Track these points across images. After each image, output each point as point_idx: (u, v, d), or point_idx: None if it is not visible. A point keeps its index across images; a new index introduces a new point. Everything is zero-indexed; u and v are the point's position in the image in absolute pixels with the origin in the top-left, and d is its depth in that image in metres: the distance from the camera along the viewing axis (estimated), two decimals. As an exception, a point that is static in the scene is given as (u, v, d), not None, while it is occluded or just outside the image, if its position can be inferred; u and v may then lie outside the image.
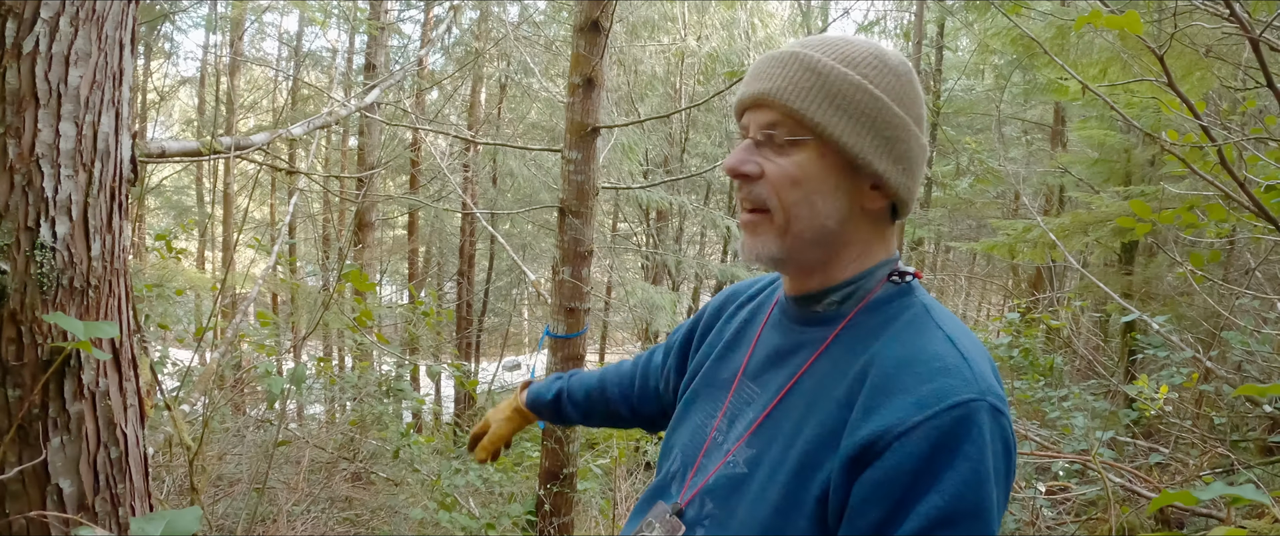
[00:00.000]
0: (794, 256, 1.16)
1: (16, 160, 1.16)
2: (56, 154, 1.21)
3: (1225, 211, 3.22)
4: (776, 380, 1.20)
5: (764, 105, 1.13)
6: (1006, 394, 1.07)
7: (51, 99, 1.19)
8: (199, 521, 1.30)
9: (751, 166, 1.13)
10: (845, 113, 1.11)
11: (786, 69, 1.13)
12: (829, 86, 1.11)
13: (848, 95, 1.11)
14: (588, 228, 5.01)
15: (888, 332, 1.12)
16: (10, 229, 1.15)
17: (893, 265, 1.19)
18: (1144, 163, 8.46)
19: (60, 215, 1.22)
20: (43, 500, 1.23)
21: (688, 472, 1.25)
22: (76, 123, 1.23)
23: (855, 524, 1.00)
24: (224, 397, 5.28)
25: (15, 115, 1.15)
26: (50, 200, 1.20)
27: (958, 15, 10.94)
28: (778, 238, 1.14)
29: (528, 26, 12.85)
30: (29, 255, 1.18)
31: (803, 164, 1.12)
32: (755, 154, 1.14)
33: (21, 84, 1.16)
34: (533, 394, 1.86)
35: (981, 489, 0.96)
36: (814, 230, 1.14)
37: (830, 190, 1.13)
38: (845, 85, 1.11)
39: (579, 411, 1.80)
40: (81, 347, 1.20)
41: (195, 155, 2.43)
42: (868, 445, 1.00)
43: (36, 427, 1.22)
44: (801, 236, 1.14)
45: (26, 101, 1.17)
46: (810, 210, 1.13)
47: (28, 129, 1.17)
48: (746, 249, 1.17)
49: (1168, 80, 2.15)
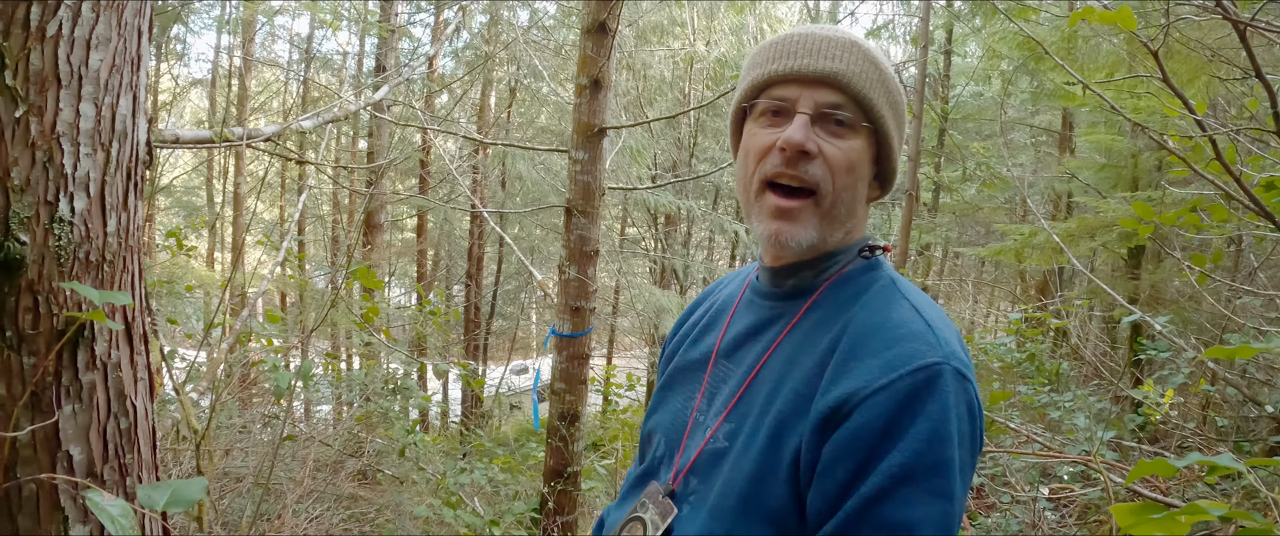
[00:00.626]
0: (825, 240, 1.18)
1: (38, 137, 1.20)
2: (76, 133, 1.25)
3: (1227, 212, 3.25)
4: (750, 355, 1.24)
5: (831, 84, 1.14)
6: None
7: (73, 80, 1.24)
8: (204, 491, 1.34)
9: (814, 145, 1.13)
10: (893, 110, 1.18)
11: (852, 55, 1.15)
12: (886, 82, 1.17)
13: (895, 94, 1.18)
14: (594, 227, 5.05)
15: (857, 304, 1.15)
16: (31, 202, 1.20)
17: (864, 241, 1.24)
18: (1151, 168, 8.46)
19: (78, 191, 1.26)
20: (53, 465, 1.27)
21: (675, 454, 1.27)
22: (96, 104, 1.28)
23: (823, 484, 1.03)
24: (230, 392, 5.32)
25: (38, 95, 1.20)
26: (69, 176, 1.25)
27: (965, 20, 10.95)
28: (819, 223, 1.16)
29: (537, 31, 12.92)
30: (48, 228, 1.22)
31: (858, 150, 1.16)
32: (812, 131, 1.13)
33: (45, 65, 1.21)
34: None
35: (943, 446, 0.99)
36: (847, 216, 1.18)
37: (866, 179, 1.19)
38: (893, 84, 1.18)
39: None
40: (95, 318, 1.24)
41: (208, 143, 2.48)
42: (836, 407, 1.04)
43: (49, 395, 1.26)
44: (836, 221, 1.17)
45: (49, 82, 1.21)
46: (852, 196, 1.17)
47: (50, 108, 1.22)
48: (781, 237, 1.15)
49: (1162, 75, 2.18)
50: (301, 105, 13.99)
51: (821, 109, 1.14)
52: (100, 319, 1.25)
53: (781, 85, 1.16)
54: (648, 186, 8.15)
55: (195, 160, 16.40)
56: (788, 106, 1.15)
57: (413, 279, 17.55)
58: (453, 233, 18.31)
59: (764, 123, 1.18)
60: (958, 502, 1.00)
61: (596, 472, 6.56)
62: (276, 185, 16.94)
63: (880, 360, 1.05)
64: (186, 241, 5.45)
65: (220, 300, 4.42)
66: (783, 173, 1.14)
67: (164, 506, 1.28)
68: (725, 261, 17.56)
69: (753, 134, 1.20)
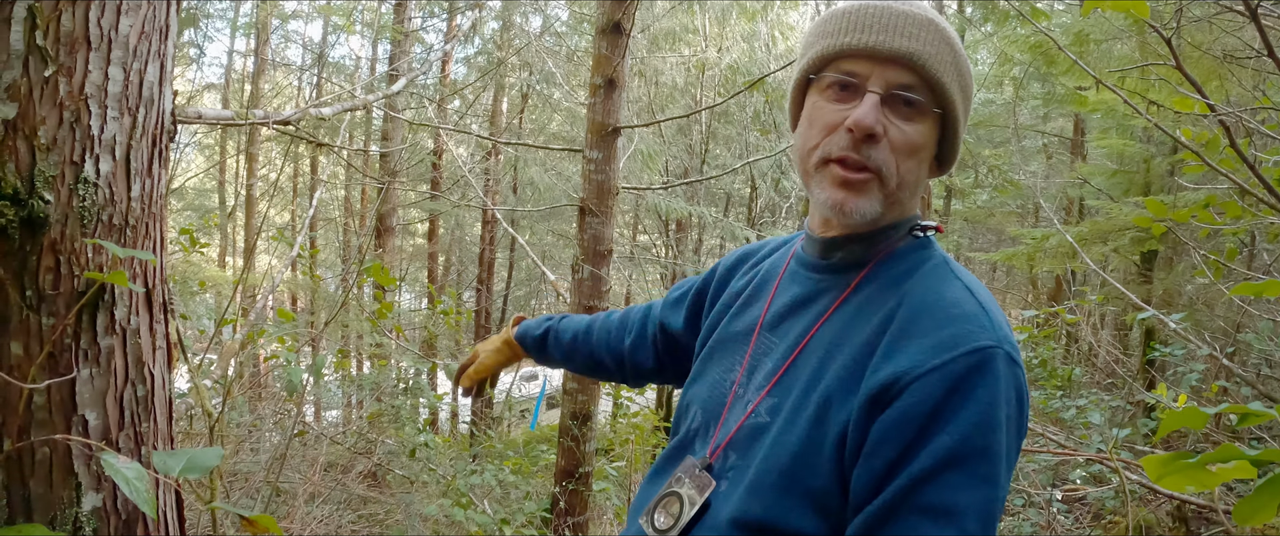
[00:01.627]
0: (886, 215, 1.16)
1: (66, 98, 1.21)
2: (104, 96, 1.26)
3: (1241, 208, 3.23)
4: (796, 329, 1.21)
5: (904, 64, 1.10)
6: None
7: (103, 43, 1.25)
8: (220, 459, 1.34)
9: (881, 128, 1.09)
10: (964, 93, 1.15)
11: (929, 34, 1.10)
12: (959, 64, 1.13)
13: (966, 77, 1.15)
14: (607, 227, 5.06)
15: (909, 281, 1.14)
16: (56, 162, 1.21)
17: (915, 219, 1.22)
18: (1163, 173, 8.44)
19: (104, 153, 1.27)
20: (68, 429, 1.27)
21: (713, 428, 1.25)
22: (124, 68, 1.29)
23: (870, 463, 1.01)
24: (241, 390, 5.34)
25: (68, 56, 1.21)
26: (96, 138, 1.25)
27: (976, 26, 10.95)
28: (883, 199, 1.13)
29: (550, 36, 12.96)
30: (72, 188, 1.23)
31: (924, 134, 1.13)
32: (881, 113, 1.10)
33: (76, 27, 1.22)
34: (522, 328, 1.85)
35: (991, 432, 0.98)
36: (908, 193, 1.16)
37: (928, 161, 1.17)
38: (965, 66, 1.15)
39: (562, 351, 1.78)
40: (116, 280, 1.25)
41: (230, 122, 2.50)
42: (886, 386, 1.02)
43: (67, 357, 1.26)
44: (897, 198, 1.15)
45: (79, 43, 1.22)
46: (915, 178, 1.15)
47: (79, 69, 1.23)
48: (846, 207, 1.12)
49: (1176, 62, 2.17)
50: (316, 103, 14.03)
51: (892, 89, 1.10)
52: (122, 281, 1.25)
53: (852, 59, 1.12)
54: (657, 187, 8.15)
55: (207, 163, 16.50)
56: (858, 82, 1.11)
57: (423, 283, 17.60)
58: (463, 238, 18.36)
59: (831, 96, 1.14)
60: (1002, 488, 1.00)
61: (608, 473, 6.55)
62: (289, 188, 17.01)
63: (933, 340, 1.03)
64: (199, 240, 5.47)
65: (231, 297, 4.43)
66: (847, 156, 1.11)
67: (180, 473, 1.28)
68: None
69: (818, 106, 1.16)
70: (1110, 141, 9.02)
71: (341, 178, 14.59)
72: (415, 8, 10.53)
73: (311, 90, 14.26)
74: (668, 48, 12.92)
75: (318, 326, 7.24)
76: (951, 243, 13.61)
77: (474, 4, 12.12)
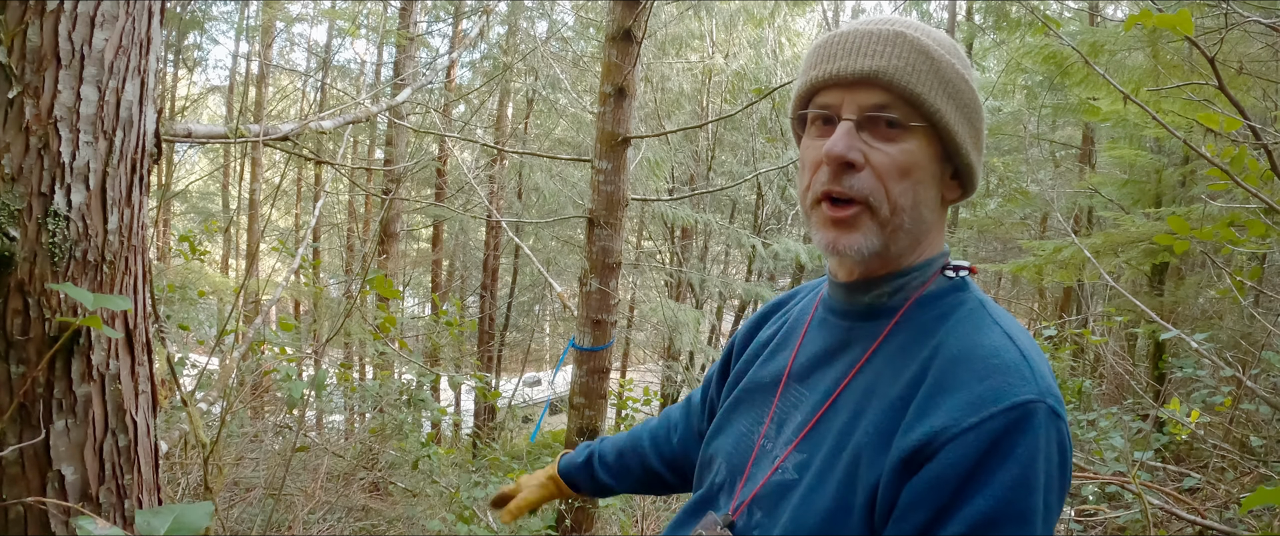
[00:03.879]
0: (890, 248, 1.09)
1: (33, 121, 1.10)
2: (76, 118, 1.15)
3: (1265, 227, 3.13)
4: (826, 380, 1.15)
5: (873, 84, 1.04)
6: None
7: (74, 60, 1.14)
8: (210, 517, 1.24)
9: (857, 155, 1.04)
10: (954, 100, 1.07)
11: (896, 48, 1.05)
12: (941, 72, 1.06)
13: (955, 83, 1.07)
14: (617, 238, 4.96)
15: (944, 328, 1.06)
16: (22, 193, 1.10)
17: (945, 258, 1.14)
18: (1175, 184, 8.35)
19: (76, 183, 1.16)
20: (43, 486, 1.16)
21: (737, 482, 1.19)
22: (99, 87, 1.18)
23: (900, 526, 0.95)
24: (242, 400, 5.25)
25: (35, 74, 1.10)
26: (66, 166, 1.15)
27: (989, 32, 10.86)
28: (879, 231, 1.06)
29: (556, 41, 12.89)
30: (41, 222, 1.12)
31: (912, 152, 1.06)
32: (859, 143, 1.05)
33: (43, 42, 1.11)
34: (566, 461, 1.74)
35: (1029, 495, 0.92)
36: (913, 221, 1.08)
37: (931, 180, 1.09)
38: (952, 72, 1.07)
39: (611, 473, 1.67)
40: (91, 324, 1.14)
41: (222, 139, 2.39)
42: (920, 447, 0.95)
43: (39, 408, 1.15)
44: (901, 228, 1.07)
45: (47, 60, 1.11)
46: (914, 201, 1.07)
47: (47, 89, 1.12)
48: (838, 246, 1.07)
49: (1218, 82, 2.07)
50: (319, 111, 13.99)
51: (866, 112, 1.04)
52: (97, 325, 1.15)
53: (825, 91, 1.08)
54: (666, 198, 8.07)
55: (211, 165, 16.43)
56: (833, 113, 1.07)
57: (427, 289, 17.53)
58: (468, 244, 18.30)
59: (815, 132, 1.10)
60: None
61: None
62: (292, 193, 16.94)
63: (970, 395, 0.96)
64: (200, 246, 5.38)
65: (233, 306, 4.33)
66: (831, 190, 1.06)
67: (165, 533, 1.18)
68: (742, 275, 17.46)
69: (806, 145, 1.12)
70: (1121, 151, 8.93)
71: (346, 184, 14.52)
72: (421, 11, 10.45)
73: (315, 94, 14.21)
74: (674, 53, 12.86)
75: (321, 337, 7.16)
76: (958, 252, 13.51)
77: (481, 8, 12.05)
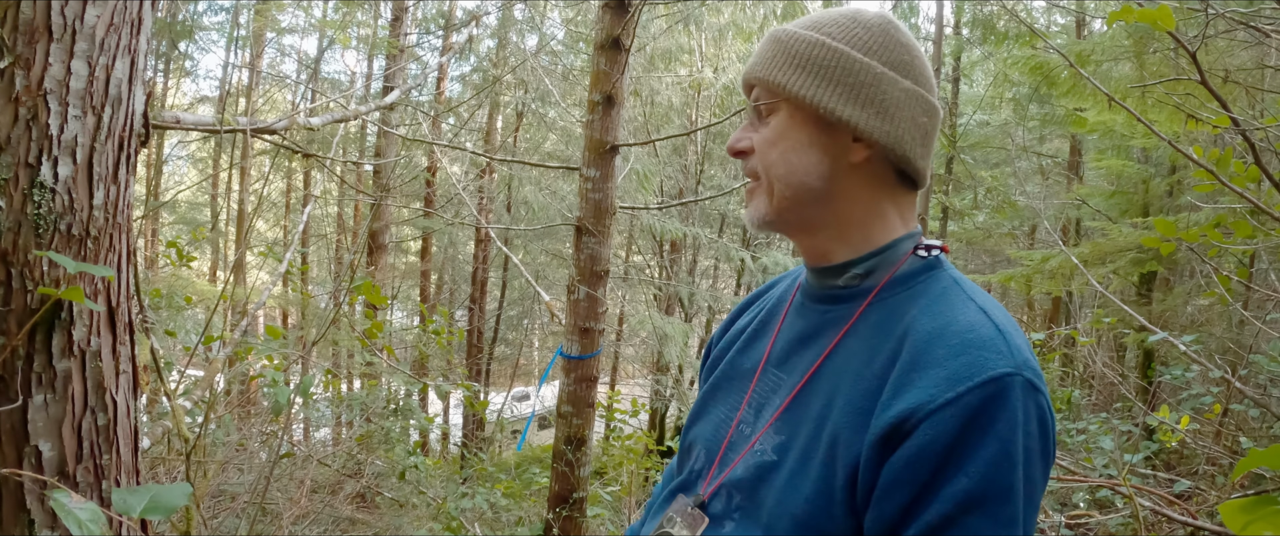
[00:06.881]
0: (784, 216, 1.15)
1: (23, 92, 1.10)
2: (65, 91, 1.15)
3: (1252, 228, 3.15)
4: (802, 363, 1.15)
5: (750, 84, 1.18)
6: None
7: (66, 34, 1.14)
8: (188, 498, 1.22)
9: (745, 142, 1.18)
10: (806, 70, 1.12)
11: (764, 48, 1.18)
12: (790, 51, 1.14)
13: (807, 54, 1.13)
14: (604, 246, 4.96)
15: (917, 306, 1.06)
16: (9, 163, 1.09)
17: (917, 239, 1.15)
18: (1162, 193, 8.42)
19: (63, 156, 1.15)
20: (19, 461, 1.15)
21: (711, 466, 1.19)
22: (89, 62, 1.18)
23: (882, 507, 0.95)
24: (227, 407, 5.22)
25: (26, 46, 1.10)
26: (54, 138, 1.14)
27: (976, 45, 10.94)
28: (766, 198, 1.16)
29: (546, 55, 12.92)
30: (26, 193, 1.11)
31: (777, 125, 1.14)
32: (750, 132, 1.18)
33: (36, 15, 1.11)
34: None
35: (1011, 470, 0.91)
36: (794, 187, 1.13)
37: (804, 145, 1.13)
38: (804, 46, 1.14)
39: None
40: (72, 297, 1.13)
41: (210, 128, 2.38)
42: (897, 424, 0.95)
43: (17, 382, 1.14)
44: (785, 195, 1.14)
45: (39, 33, 1.11)
46: (788, 167, 1.13)
47: (38, 62, 1.12)
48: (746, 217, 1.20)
49: (1201, 77, 2.09)
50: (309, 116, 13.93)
51: (753, 107, 1.18)
52: (78, 297, 1.13)
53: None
54: (655, 207, 8.08)
55: (200, 175, 16.37)
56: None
57: (416, 302, 17.47)
58: (456, 257, 18.28)
59: None
60: (1026, 527, 0.93)
61: (602, 499, 6.41)
62: (281, 205, 16.88)
63: (946, 370, 0.95)
64: (187, 253, 5.35)
65: (213, 308, 4.31)
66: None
67: (141, 513, 1.16)
68: (730, 289, 17.47)
69: None
70: (1109, 162, 9.00)
71: (334, 194, 14.48)
72: (411, 23, 10.46)
73: (306, 104, 14.18)
74: (664, 67, 12.89)
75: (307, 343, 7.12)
76: (948, 264, 13.55)
77: (470, 20, 12.06)
